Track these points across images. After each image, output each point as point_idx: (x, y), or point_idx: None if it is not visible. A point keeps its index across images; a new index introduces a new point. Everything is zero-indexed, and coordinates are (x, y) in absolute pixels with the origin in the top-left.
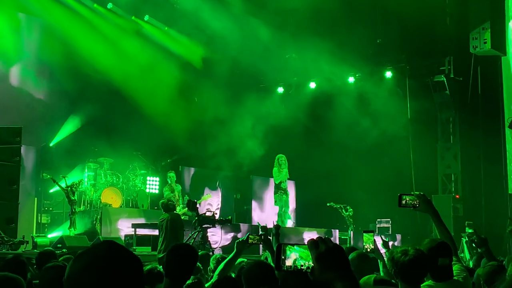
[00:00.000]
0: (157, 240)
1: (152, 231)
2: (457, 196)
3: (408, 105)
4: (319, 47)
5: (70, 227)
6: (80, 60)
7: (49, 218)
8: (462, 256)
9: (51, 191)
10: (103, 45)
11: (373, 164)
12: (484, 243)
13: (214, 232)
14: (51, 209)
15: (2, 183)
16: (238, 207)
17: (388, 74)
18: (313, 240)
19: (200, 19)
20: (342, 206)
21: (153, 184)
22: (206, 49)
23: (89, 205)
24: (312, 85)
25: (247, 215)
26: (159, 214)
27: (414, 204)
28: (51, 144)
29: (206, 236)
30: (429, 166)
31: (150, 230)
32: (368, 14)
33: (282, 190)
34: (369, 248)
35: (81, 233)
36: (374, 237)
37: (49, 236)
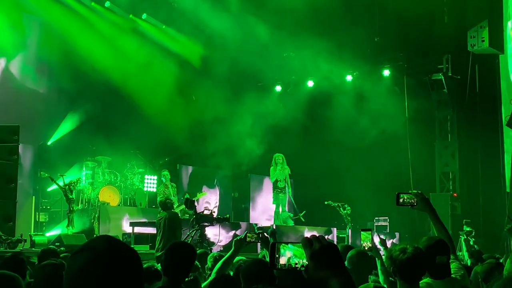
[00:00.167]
0: (155, 239)
1: (150, 230)
2: (455, 194)
3: (406, 104)
4: (317, 46)
5: (68, 226)
6: (79, 59)
7: (47, 217)
8: (460, 254)
9: (49, 190)
10: (102, 44)
11: (371, 162)
12: None
13: (216, 232)
14: (49, 208)
15: (0, 182)
16: (236, 206)
17: (386, 73)
18: (307, 238)
19: (198, 18)
20: (340, 205)
21: (151, 183)
22: (204, 48)
23: (87, 204)
24: (310, 84)
25: (245, 214)
26: (157, 213)
27: (412, 203)
28: (49, 143)
29: (204, 235)
30: (427, 164)
31: (148, 229)
32: (366, 13)
33: (279, 189)
34: (367, 246)
35: (79, 232)
36: (373, 235)
37: (47, 235)
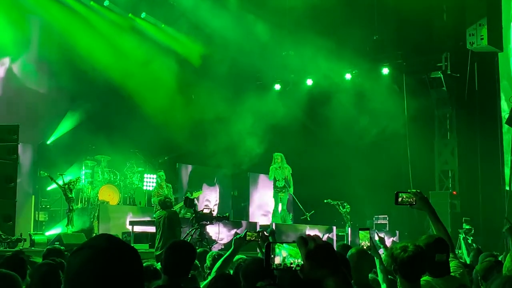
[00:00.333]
0: (155, 237)
1: (150, 228)
2: (454, 193)
3: (405, 102)
4: (316, 44)
5: (68, 225)
6: (78, 58)
7: (47, 216)
8: (460, 252)
9: (49, 189)
10: (101, 43)
11: (370, 161)
12: None
13: (217, 230)
14: (49, 207)
15: (0, 181)
16: (236, 204)
17: (385, 71)
18: (302, 238)
19: (197, 17)
20: (339, 203)
21: (150, 182)
22: (204, 47)
23: (87, 203)
24: (309, 82)
25: (244, 212)
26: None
27: (411, 202)
28: (49, 142)
29: (204, 233)
30: (426, 163)
31: (148, 227)
32: (365, 11)
33: (278, 188)
34: (365, 246)
35: (79, 231)
36: (375, 233)
37: (47, 234)
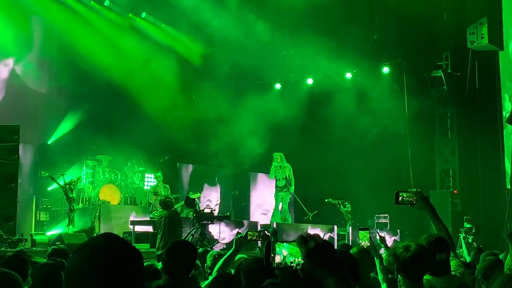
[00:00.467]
0: (156, 237)
1: (151, 228)
2: (455, 191)
3: (406, 101)
4: (316, 43)
5: (69, 225)
6: (79, 58)
7: (48, 216)
8: (460, 252)
9: (50, 189)
10: (102, 43)
11: (371, 160)
12: None
13: (218, 230)
14: (50, 207)
15: (0, 181)
16: (237, 204)
17: (386, 70)
18: (303, 237)
19: (197, 16)
20: (340, 202)
21: (151, 181)
22: (204, 46)
23: (88, 203)
24: (310, 81)
25: (245, 212)
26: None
27: (411, 201)
28: (49, 142)
29: (205, 233)
30: (427, 162)
31: (149, 227)
32: (365, 10)
33: (279, 188)
34: (365, 245)
35: (80, 231)
36: (376, 232)
37: (48, 234)
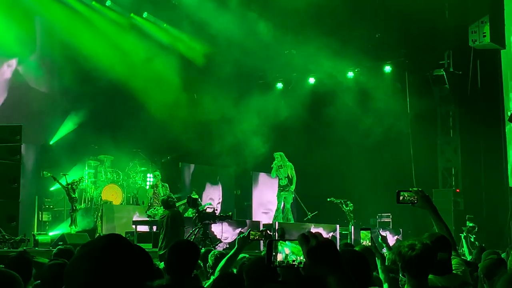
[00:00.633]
0: (158, 237)
1: (153, 228)
2: (458, 190)
3: (408, 100)
4: (318, 43)
5: (71, 225)
6: (81, 58)
7: (50, 216)
8: (462, 251)
9: (52, 189)
10: (103, 43)
11: (373, 159)
12: None
13: (220, 229)
14: (52, 207)
15: (3, 182)
16: (239, 203)
17: (387, 69)
18: (304, 235)
19: (199, 16)
20: (343, 201)
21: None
22: (206, 46)
23: (90, 203)
24: (311, 81)
25: (248, 211)
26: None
27: (412, 201)
28: (51, 142)
29: (207, 232)
30: (429, 160)
31: (151, 227)
32: (367, 8)
33: (281, 187)
34: (367, 245)
35: (82, 231)
36: (378, 232)
37: (50, 234)
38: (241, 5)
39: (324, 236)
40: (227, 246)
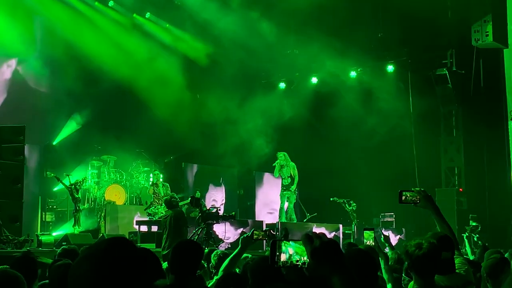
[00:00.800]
0: (161, 237)
1: (157, 228)
2: (461, 190)
3: (410, 99)
4: (321, 42)
5: (75, 225)
6: (83, 59)
7: (54, 216)
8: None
9: (55, 189)
10: (106, 43)
11: (376, 158)
12: None
13: (223, 229)
14: (55, 207)
15: (6, 182)
16: (241, 203)
17: (390, 68)
18: (308, 235)
19: (201, 16)
20: (346, 201)
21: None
22: (209, 46)
23: (93, 203)
24: (314, 80)
25: (250, 211)
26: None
27: (415, 200)
28: (55, 143)
29: (210, 232)
30: (432, 160)
31: (154, 227)
32: (369, 8)
33: (284, 187)
34: (371, 244)
35: (86, 231)
36: (381, 232)
37: (54, 234)
38: (244, 6)
39: (327, 236)
40: (229, 246)
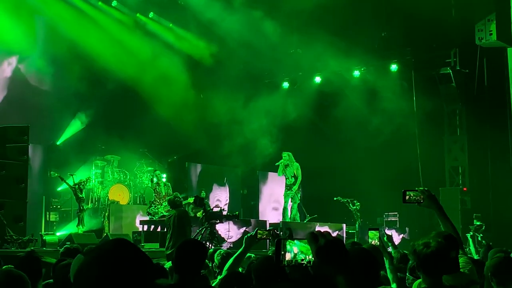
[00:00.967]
0: (165, 237)
1: (160, 228)
2: (465, 189)
3: (414, 98)
4: (324, 42)
5: (79, 225)
6: (87, 58)
7: (58, 216)
8: (468, 251)
9: (59, 189)
10: (110, 43)
11: (380, 158)
12: None
13: (227, 228)
14: (59, 207)
15: (10, 182)
16: (245, 203)
17: (394, 67)
18: (313, 234)
19: (205, 16)
20: (349, 200)
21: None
22: (213, 46)
23: (97, 203)
24: (318, 80)
25: (254, 210)
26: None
27: (418, 200)
28: (58, 142)
29: (214, 232)
30: (436, 159)
31: (158, 227)
32: (373, 7)
33: (287, 186)
34: (375, 244)
35: (90, 231)
36: (383, 231)
37: (58, 234)
38: (248, 6)
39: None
40: (231, 246)
